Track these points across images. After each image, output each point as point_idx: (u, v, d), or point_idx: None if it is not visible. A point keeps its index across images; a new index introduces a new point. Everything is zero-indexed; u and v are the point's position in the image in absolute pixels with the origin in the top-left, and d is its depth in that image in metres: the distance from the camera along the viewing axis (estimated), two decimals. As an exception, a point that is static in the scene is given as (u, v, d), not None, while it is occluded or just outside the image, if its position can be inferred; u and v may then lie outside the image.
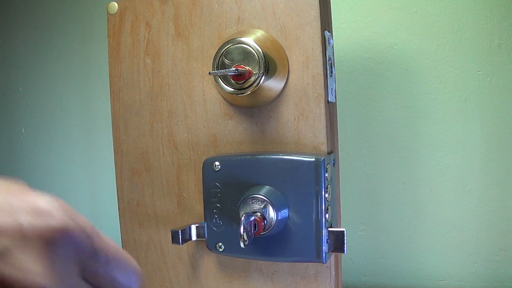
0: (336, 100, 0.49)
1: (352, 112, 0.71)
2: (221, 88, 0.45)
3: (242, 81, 0.43)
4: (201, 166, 0.46)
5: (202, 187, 0.46)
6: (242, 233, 0.37)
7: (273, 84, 0.45)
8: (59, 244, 0.23)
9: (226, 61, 0.44)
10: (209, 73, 0.43)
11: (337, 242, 0.42)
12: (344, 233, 0.41)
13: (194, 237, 0.47)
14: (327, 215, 0.42)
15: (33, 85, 1.01)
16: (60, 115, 0.97)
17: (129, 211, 0.54)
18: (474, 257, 0.66)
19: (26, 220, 0.22)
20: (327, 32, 0.46)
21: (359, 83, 0.70)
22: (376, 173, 0.70)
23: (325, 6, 0.46)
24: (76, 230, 0.24)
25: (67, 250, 0.23)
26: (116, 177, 0.54)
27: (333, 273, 0.45)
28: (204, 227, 0.46)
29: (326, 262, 0.42)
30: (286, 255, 0.43)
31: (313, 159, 0.41)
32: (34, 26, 0.99)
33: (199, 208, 0.50)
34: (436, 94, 0.66)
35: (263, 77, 0.43)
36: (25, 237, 0.22)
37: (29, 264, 0.22)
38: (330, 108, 0.46)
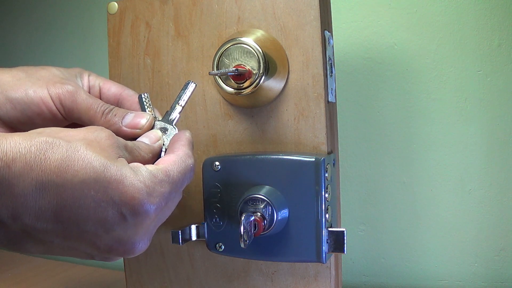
0: (336, 100, 0.49)
1: (352, 112, 0.71)
2: (221, 88, 0.45)
3: (242, 81, 0.44)
4: (201, 166, 0.46)
5: (202, 187, 0.46)
6: (242, 233, 0.37)
7: (273, 84, 0.45)
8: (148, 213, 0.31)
9: (226, 61, 0.44)
10: (209, 73, 0.43)
11: (337, 242, 0.42)
12: (344, 233, 0.41)
13: (194, 237, 0.47)
14: (327, 215, 0.42)
15: (33, 85, 1.01)
16: (60, 115, 0.97)
17: (129, 211, 0.54)
18: (474, 257, 0.66)
19: (127, 212, 0.29)
20: (327, 32, 0.46)
21: (359, 83, 0.70)
22: (376, 173, 0.70)
23: (325, 6, 0.46)
24: (157, 203, 0.31)
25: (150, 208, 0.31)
26: (116, 177, 0.54)
27: (333, 273, 0.45)
28: (204, 227, 0.46)
29: (326, 262, 0.42)
30: (286, 255, 0.43)
31: (313, 159, 0.41)
32: (35, 26, 0.99)
33: (199, 208, 0.50)
34: (436, 94, 0.66)
35: (263, 77, 0.43)
36: (128, 222, 0.29)
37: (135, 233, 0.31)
38: (330, 108, 0.46)
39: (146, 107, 0.40)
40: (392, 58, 0.68)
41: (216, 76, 0.45)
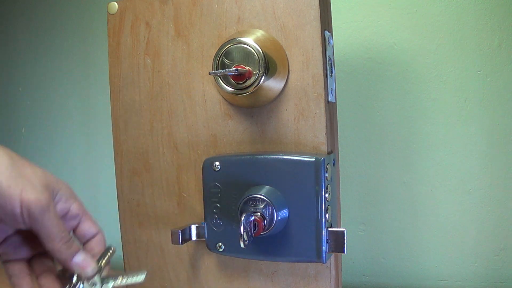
0: (336, 100, 0.49)
1: (352, 112, 0.71)
2: (221, 88, 0.45)
3: (242, 81, 0.43)
4: (201, 166, 0.46)
5: (202, 187, 0.46)
6: (242, 233, 0.37)
7: (273, 84, 0.45)
8: None
9: (226, 61, 0.44)
10: (209, 73, 0.43)
11: (337, 242, 0.42)
12: (344, 233, 0.41)
13: (194, 237, 0.47)
14: (327, 215, 0.42)
15: (33, 85, 1.01)
16: (60, 115, 0.97)
17: (129, 211, 0.54)
18: (474, 257, 0.66)
19: None
20: (327, 32, 0.46)
21: (359, 83, 0.70)
22: (376, 173, 0.70)
23: (325, 6, 0.46)
24: None
25: None
26: (116, 177, 0.54)
27: (333, 273, 0.45)
28: (204, 227, 0.46)
29: (326, 262, 0.42)
30: (286, 255, 0.43)
31: (313, 159, 0.41)
32: (35, 26, 0.99)
33: (199, 208, 0.50)
34: (436, 94, 0.66)
35: (263, 77, 0.43)
36: None
37: None
38: (330, 108, 0.46)
39: (104, 258, 0.40)
40: (392, 58, 0.68)
41: (216, 76, 0.45)
